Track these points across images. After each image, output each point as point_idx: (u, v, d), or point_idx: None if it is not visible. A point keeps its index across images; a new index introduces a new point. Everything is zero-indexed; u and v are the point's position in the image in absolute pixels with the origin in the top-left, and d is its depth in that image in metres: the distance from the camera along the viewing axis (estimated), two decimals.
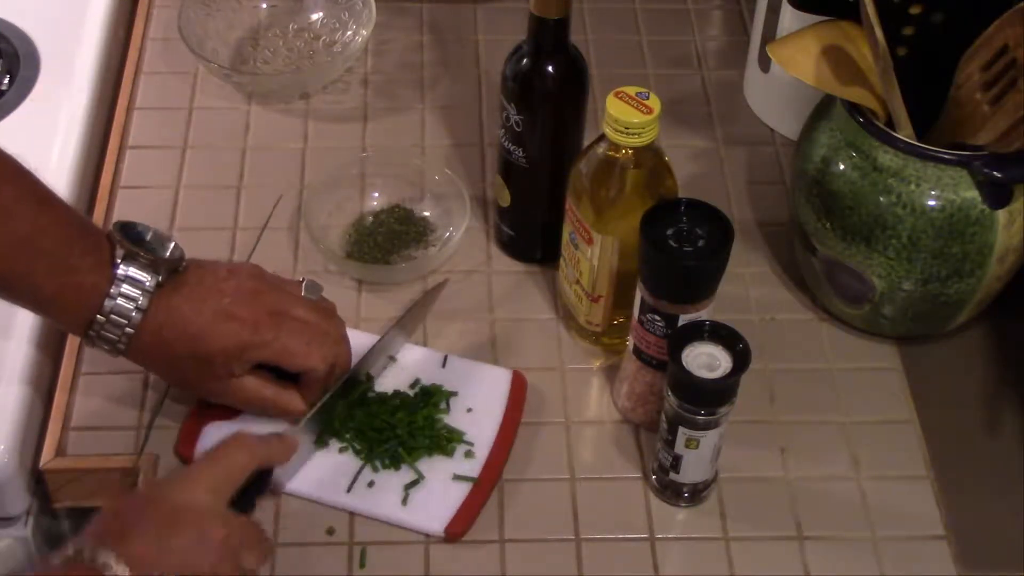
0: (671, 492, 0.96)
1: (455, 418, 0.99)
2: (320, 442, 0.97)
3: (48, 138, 1.15)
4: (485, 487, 0.96)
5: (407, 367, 1.02)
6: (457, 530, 0.94)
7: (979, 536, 0.95)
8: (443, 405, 0.99)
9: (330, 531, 0.94)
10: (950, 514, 0.97)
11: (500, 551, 0.94)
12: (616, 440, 1.00)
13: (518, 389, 1.01)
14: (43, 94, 1.19)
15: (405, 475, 0.96)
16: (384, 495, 0.95)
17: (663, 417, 0.93)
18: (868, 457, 1.00)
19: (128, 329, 0.88)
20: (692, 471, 0.94)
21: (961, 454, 1.00)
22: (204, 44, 1.23)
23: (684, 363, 0.89)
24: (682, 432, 0.92)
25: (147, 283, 0.88)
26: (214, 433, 0.96)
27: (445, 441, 0.97)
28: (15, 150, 0.89)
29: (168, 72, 1.26)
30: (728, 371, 0.89)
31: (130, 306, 0.88)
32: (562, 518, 0.95)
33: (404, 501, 0.95)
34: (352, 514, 0.95)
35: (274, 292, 0.95)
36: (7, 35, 1.23)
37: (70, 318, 0.89)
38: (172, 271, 0.90)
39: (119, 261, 0.88)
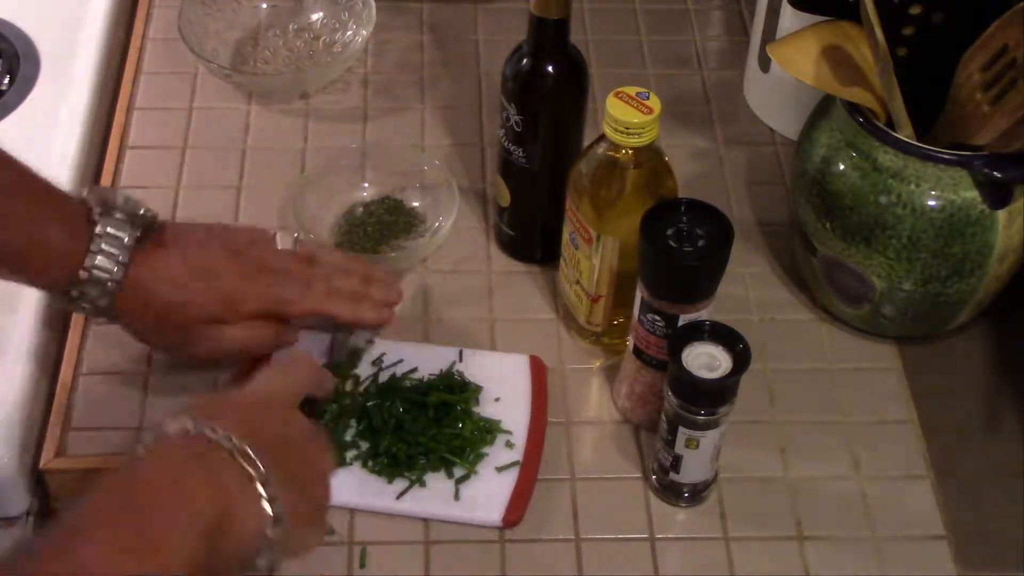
0: (671, 492, 0.96)
1: (486, 409, 1.00)
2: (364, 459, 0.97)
3: (48, 138, 1.15)
4: (531, 472, 0.97)
5: (424, 367, 1.02)
6: (514, 518, 0.94)
7: (979, 536, 0.95)
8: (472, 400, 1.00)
9: (330, 531, 0.94)
10: (950, 514, 0.97)
11: (500, 551, 0.94)
12: (616, 440, 1.00)
13: (539, 372, 1.02)
14: (43, 94, 1.19)
15: (452, 471, 0.97)
16: (435, 494, 0.95)
17: (663, 417, 0.93)
18: (868, 457, 1.00)
19: (110, 285, 0.87)
20: (692, 471, 0.94)
21: (961, 454, 1.00)
22: (204, 44, 1.22)
23: (684, 363, 0.89)
24: (682, 432, 0.92)
25: (126, 239, 0.87)
26: None
27: (485, 432, 0.98)
28: (15, 150, 0.89)
29: (168, 72, 1.26)
30: (728, 371, 0.89)
31: (111, 263, 0.86)
32: (562, 518, 0.95)
33: (456, 496, 0.95)
34: (352, 513, 0.95)
35: (255, 247, 0.95)
36: (7, 35, 1.23)
37: (51, 278, 0.88)
38: (148, 228, 0.89)
39: (96, 219, 0.87)
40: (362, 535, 0.94)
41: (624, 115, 0.93)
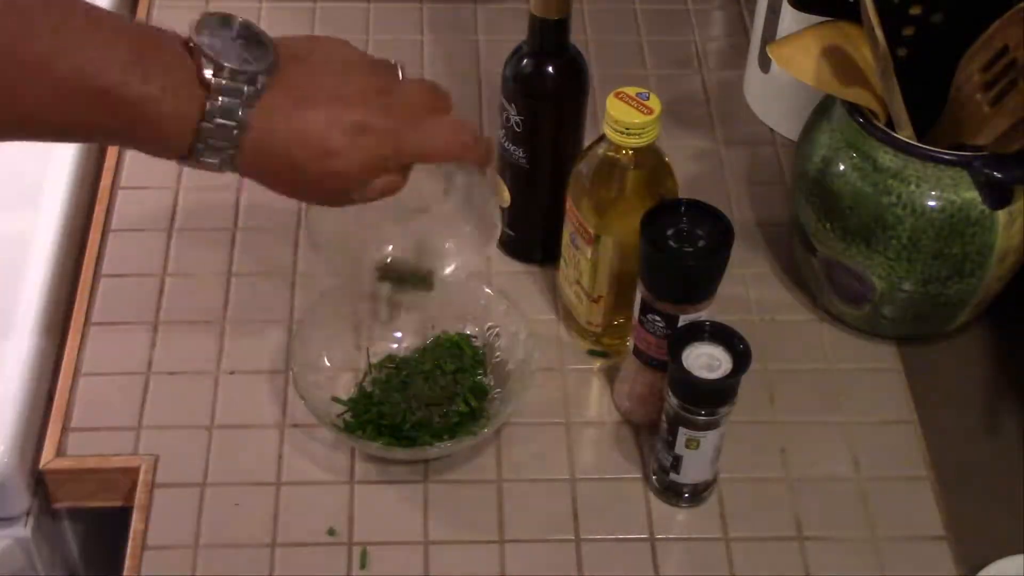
0: (671, 493, 0.96)
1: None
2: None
3: None
4: None
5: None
6: None
7: (979, 536, 0.95)
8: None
9: (330, 531, 0.94)
10: (950, 514, 0.97)
11: (500, 551, 0.94)
12: (616, 440, 1.00)
13: None
14: None
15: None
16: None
17: (663, 417, 0.93)
18: (868, 457, 1.00)
19: (236, 132, 0.79)
20: (692, 471, 0.94)
21: (961, 454, 1.00)
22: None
23: (684, 363, 0.89)
24: (682, 432, 0.92)
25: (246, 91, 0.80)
26: None
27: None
28: (13, 150, 0.89)
29: None
30: (728, 371, 0.89)
31: (235, 105, 0.79)
32: (562, 518, 0.95)
33: None
34: (352, 514, 0.95)
35: (397, 85, 0.86)
36: None
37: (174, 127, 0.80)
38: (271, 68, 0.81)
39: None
40: (362, 535, 0.94)
41: (624, 115, 0.93)
